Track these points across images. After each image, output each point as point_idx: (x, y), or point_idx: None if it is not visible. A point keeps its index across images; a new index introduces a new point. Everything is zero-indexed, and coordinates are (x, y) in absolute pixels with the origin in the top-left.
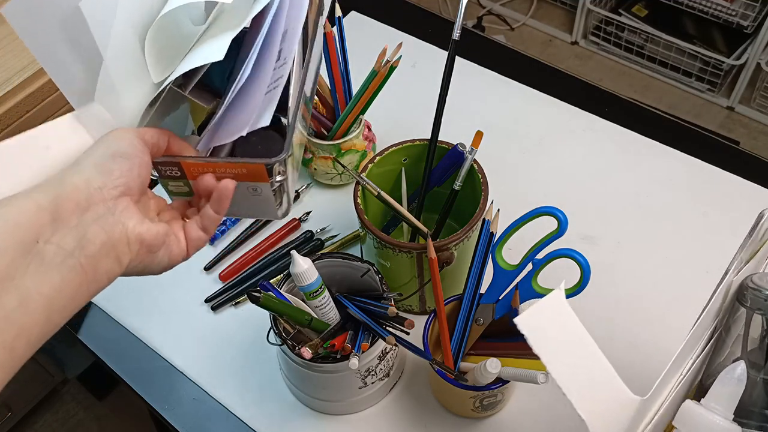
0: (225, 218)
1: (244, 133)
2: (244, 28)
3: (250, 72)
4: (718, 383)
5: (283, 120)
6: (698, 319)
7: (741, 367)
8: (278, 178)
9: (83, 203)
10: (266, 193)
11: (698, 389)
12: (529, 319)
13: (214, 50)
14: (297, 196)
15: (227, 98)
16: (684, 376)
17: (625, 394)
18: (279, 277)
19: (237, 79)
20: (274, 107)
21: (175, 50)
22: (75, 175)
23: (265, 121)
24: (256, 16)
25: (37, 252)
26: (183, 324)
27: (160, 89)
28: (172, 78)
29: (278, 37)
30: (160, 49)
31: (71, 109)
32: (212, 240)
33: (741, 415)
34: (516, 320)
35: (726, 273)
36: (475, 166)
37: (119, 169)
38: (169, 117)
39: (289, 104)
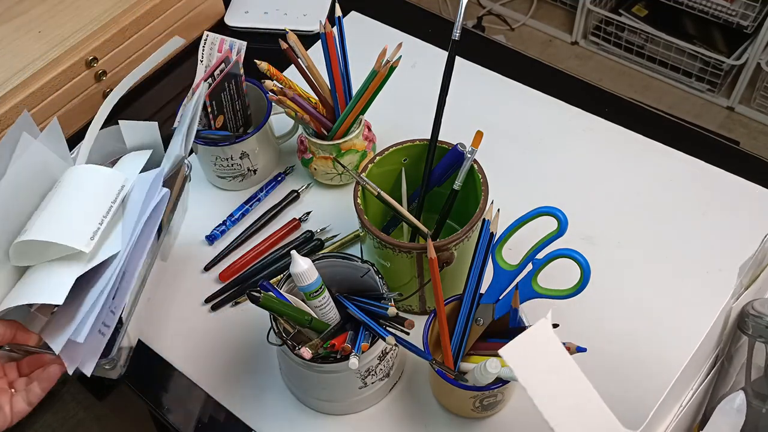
0: (225, 218)
1: (70, 372)
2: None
3: (91, 313)
4: (717, 414)
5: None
6: (697, 347)
7: (740, 398)
8: (107, 368)
9: None
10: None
11: (702, 423)
12: (514, 350)
13: (54, 292)
14: (297, 196)
15: (74, 330)
16: (684, 407)
17: (615, 425)
18: (279, 277)
19: (84, 320)
20: (98, 356)
21: (38, 253)
22: None
23: (88, 371)
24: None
25: None
26: (183, 324)
27: (7, 306)
28: (13, 304)
29: (117, 282)
30: (25, 251)
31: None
32: (212, 240)
33: None
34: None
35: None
36: (475, 166)
37: None
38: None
39: (123, 316)
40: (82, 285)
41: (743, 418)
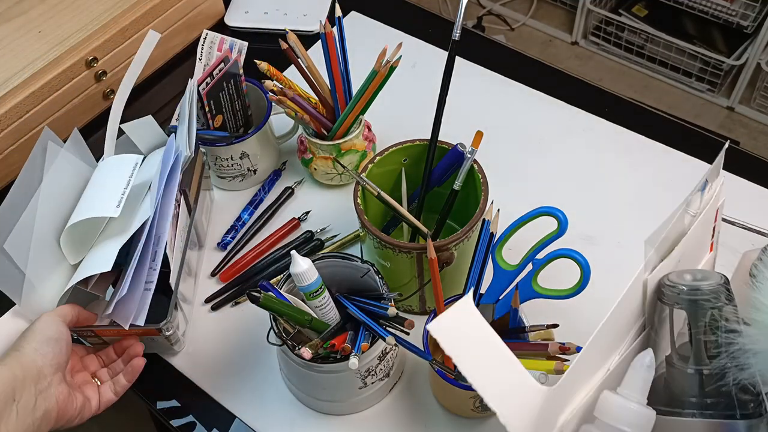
0: (234, 222)
1: (126, 327)
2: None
3: (133, 272)
4: (630, 371)
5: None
6: (608, 316)
7: (650, 356)
8: (167, 333)
9: (35, 377)
10: (161, 340)
11: None
12: (440, 323)
13: (102, 262)
14: (291, 192)
15: (120, 289)
16: (610, 371)
17: (531, 383)
18: (279, 277)
19: (126, 278)
20: (147, 309)
21: (85, 240)
22: (25, 355)
23: (141, 321)
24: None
25: (14, 406)
26: (183, 324)
27: (66, 288)
28: (71, 284)
29: (151, 243)
30: (74, 243)
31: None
32: (225, 246)
33: (675, 405)
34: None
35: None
36: (475, 166)
37: (52, 351)
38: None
39: (171, 283)
40: (128, 260)
41: (653, 373)
